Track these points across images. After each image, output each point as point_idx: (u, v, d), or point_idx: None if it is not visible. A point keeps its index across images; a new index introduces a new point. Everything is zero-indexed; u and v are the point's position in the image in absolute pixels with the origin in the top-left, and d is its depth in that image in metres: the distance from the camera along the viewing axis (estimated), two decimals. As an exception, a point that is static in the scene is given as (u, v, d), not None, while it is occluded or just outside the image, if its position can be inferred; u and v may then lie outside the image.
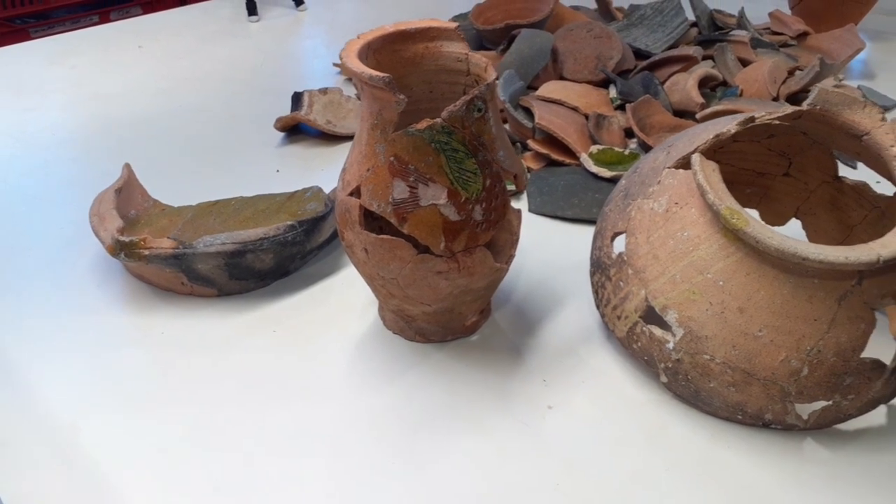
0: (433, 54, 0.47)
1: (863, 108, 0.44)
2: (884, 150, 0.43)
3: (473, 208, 0.43)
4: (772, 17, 1.00)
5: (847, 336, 0.39)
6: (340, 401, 0.46)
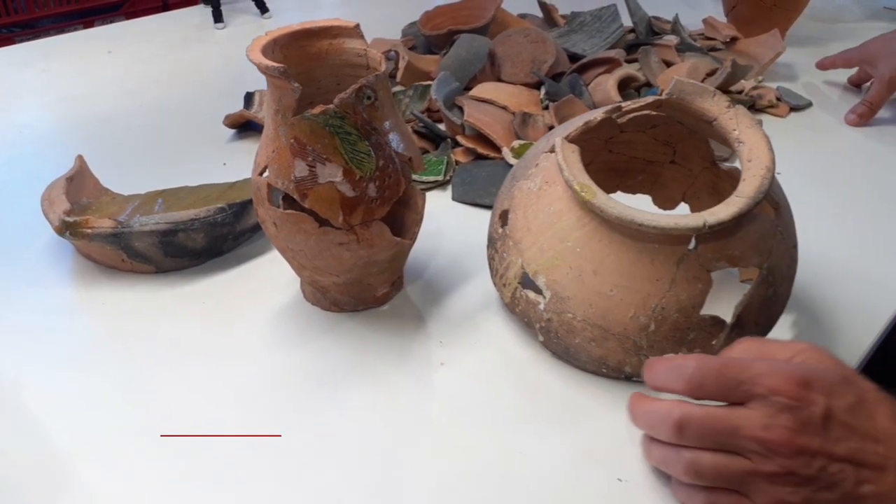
0: (337, 50, 0.53)
1: (712, 97, 0.50)
2: (728, 133, 0.49)
3: (368, 185, 0.49)
4: (705, 24, 1.06)
5: (686, 294, 0.45)
6: (258, 361, 0.52)
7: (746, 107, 0.86)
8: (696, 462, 0.38)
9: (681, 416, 0.38)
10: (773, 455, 0.36)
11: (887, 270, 0.62)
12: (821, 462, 0.36)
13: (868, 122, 0.86)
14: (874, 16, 1.18)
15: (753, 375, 0.37)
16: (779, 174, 0.75)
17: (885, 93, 0.85)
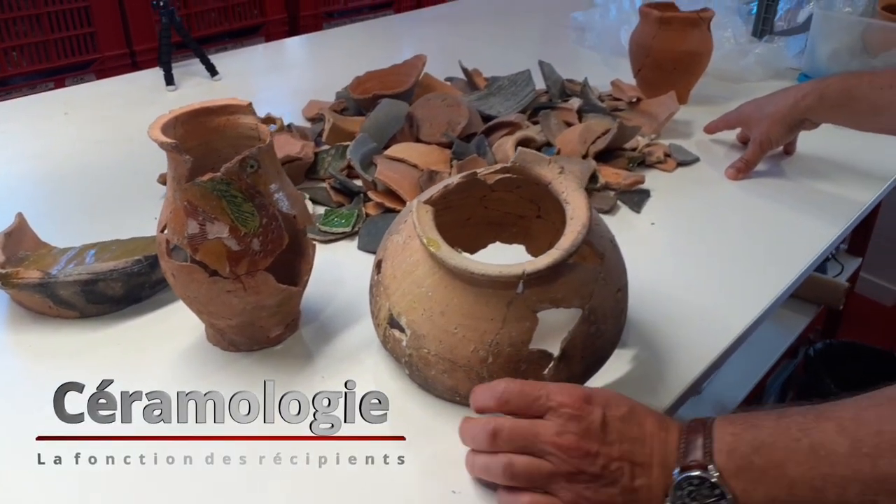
0: (233, 124, 0.61)
1: (547, 164, 0.59)
2: (559, 194, 0.57)
3: (252, 241, 0.56)
4: (613, 86, 1.16)
5: (517, 331, 0.53)
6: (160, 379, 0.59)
7: (638, 162, 0.96)
8: (510, 464, 0.46)
9: (494, 427, 0.47)
10: (566, 457, 0.44)
11: (728, 310, 0.70)
12: (602, 461, 0.44)
13: (745, 177, 0.95)
14: (777, 75, 1.29)
15: (547, 392, 0.46)
16: (653, 224, 0.85)
17: (758, 153, 0.94)
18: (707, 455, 0.43)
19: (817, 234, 0.84)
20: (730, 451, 0.44)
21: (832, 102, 0.88)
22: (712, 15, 1.11)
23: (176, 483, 0.52)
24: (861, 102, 0.87)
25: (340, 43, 1.64)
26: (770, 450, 0.43)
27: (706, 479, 0.43)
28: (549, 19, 1.75)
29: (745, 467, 0.43)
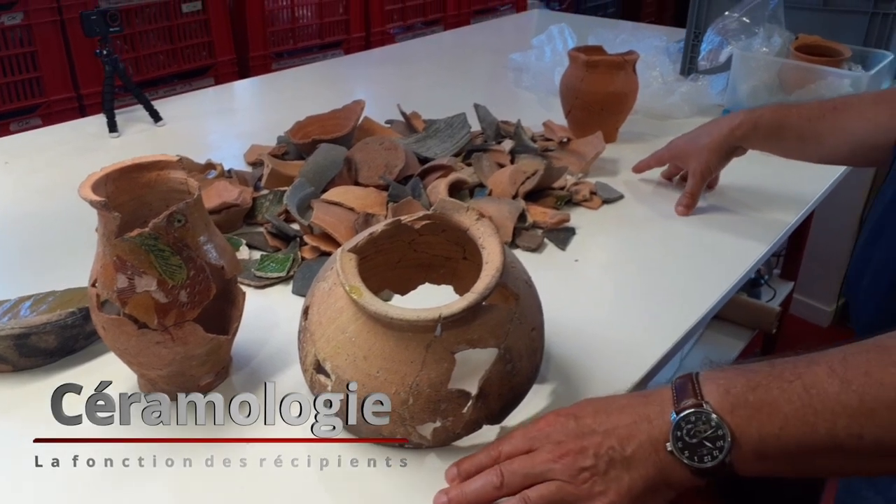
0: (164, 180, 0.63)
1: (465, 212, 0.62)
2: (476, 240, 0.61)
3: (179, 293, 0.58)
4: (545, 126, 1.22)
5: (436, 373, 0.56)
6: (93, 444, 0.60)
7: (565, 200, 1.00)
8: (525, 497, 0.50)
9: (499, 471, 0.53)
10: (564, 465, 0.50)
11: (644, 341, 0.74)
12: (593, 450, 0.50)
13: (693, 210, 1.00)
14: (702, 111, 1.36)
15: (533, 428, 0.52)
16: (576, 261, 0.89)
17: (700, 183, 0.99)
18: (700, 396, 0.48)
19: (737, 260, 0.88)
20: (724, 392, 0.48)
21: (765, 132, 0.93)
22: (637, 58, 1.17)
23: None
24: (790, 132, 0.92)
25: (288, 85, 1.68)
26: (764, 390, 0.47)
27: (703, 412, 0.47)
28: (491, 60, 1.81)
29: (740, 404, 0.47)
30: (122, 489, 0.56)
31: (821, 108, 0.90)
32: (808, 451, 0.45)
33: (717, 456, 0.46)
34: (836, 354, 0.47)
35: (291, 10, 2.51)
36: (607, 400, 0.53)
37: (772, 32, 1.31)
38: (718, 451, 0.46)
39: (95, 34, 1.20)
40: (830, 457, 0.45)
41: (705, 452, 0.47)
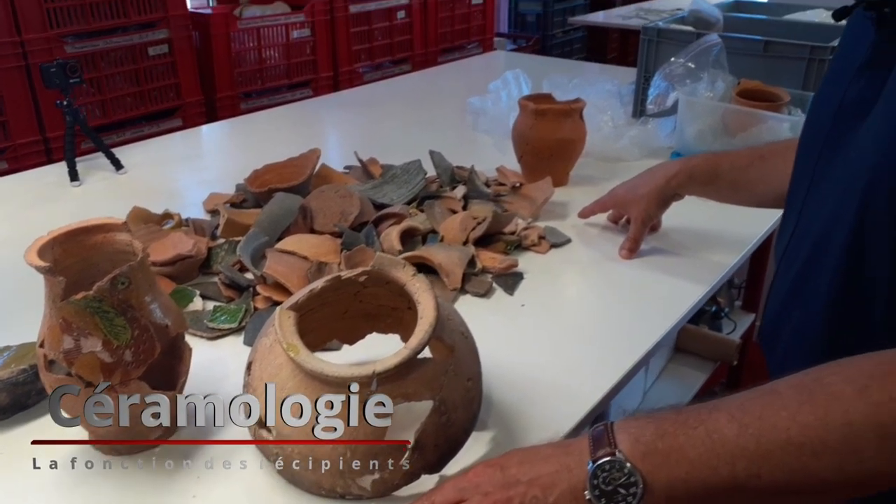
0: (110, 241, 0.66)
1: (402, 268, 0.65)
2: (412, 295, 0.63)
3: (124, 352, 0.60)
4: (498, 172, 1.25)
5: (373, 426, 0.58)
6: (36, 496, 0.61)
7: (515, 245, 1.04)
8: None
9: None
10: (491, 503, 0.52)
11: (584, 384, 0.77)
12: (518, 500, 0.51)
13: (635, 254, 1.03)
14: (651, 154, 1.41)
15: (463, 479, 0.55)
16: (523, 305, 0.92)
17: (642, 229, 1.03)
18: (613, 445, 0.51)
19: (677, 302, 0.92)
20: (635, 440, 0.51)
21: (700, 181, 0.98)
22: (583, 106, 1.22)
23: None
24: (724, 180, 0.97)
25: (254, 129, 1.71)
26: (671, 437, 0.50)
27: (616, 461, 0.50)
28: (454, 102, 1.85)
29: (650, 452, 0.50)
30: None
31: (750, 156, 0.95)
32: (713, 493, 0.48)
33: (632, 502, 0.49)
34: (735, 400, 0.51)
35: (259, 51, 2.55)
36: (533, 450, 0.55)
37: (716, 77, 1.37)
38: (632, 497, 0.49)
39: (55, 86, 1.22)
40: (734, 498, 0.48)
41: (620, 499, 0.49)
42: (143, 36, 2.19)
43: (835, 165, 0.64)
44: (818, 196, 0.67)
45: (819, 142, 0.66)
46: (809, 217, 0.68)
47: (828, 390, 0.48)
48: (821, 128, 0.66)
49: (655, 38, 1.51)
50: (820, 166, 0.66)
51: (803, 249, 0.68)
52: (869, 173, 0.58)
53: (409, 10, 3.04)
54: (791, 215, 0.73)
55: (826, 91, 0.69)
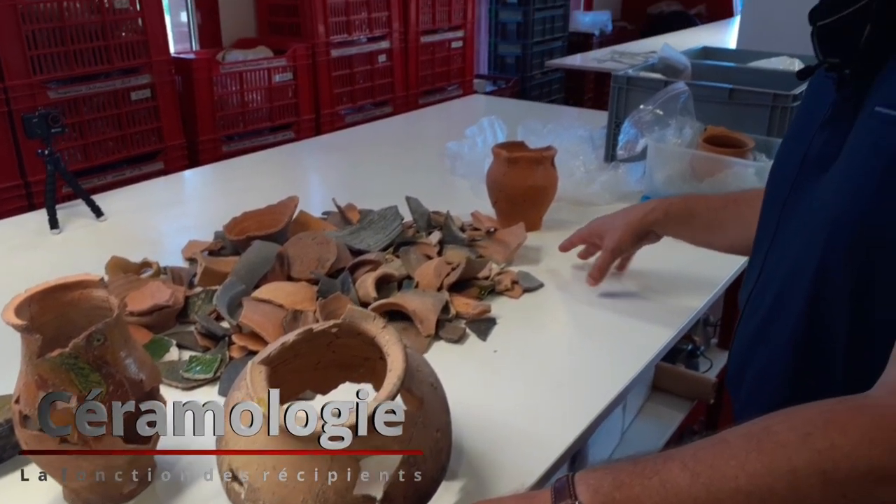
0: (87, 298, 0.67)
1: (373, 320, 0.67)
2: (382, 347, 0.65)
3: (99, 407, 0.62)
4: (473, 217, 1.28)
5: (342, 480, 0.59)
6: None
7: (488, 290, 1.06)
8: None
9: None
10: None
11: (553, 430, 0.78)
12: None
13: (599, 282, 1.06)
14: (622, 198, 1.44)
15: None
16: (495, 351, 0.94)
17: (609, 259, 1.05)
18: (574, 497, 0.52)
19: (646, 347, 0.94)
20: (594, 492, 0.52)
21: (676, 220, 1.01)
22: (554, 153, 1.25)
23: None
24: (699, 220, 0.99)
25: (235, 174, 1.73)
26: (628, 488, 0.52)
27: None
28: (432, 146, 1.88)
29: (608, 502, 0.52)
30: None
31: (725, 199, 0.98)
32: None
33: None
34: (689, 449, 0.53)
35: (241, 94, 2.59)
36: (497, 501, 0.56)
37: (683, 124, 1.41)
38: None
39: (37, 136, 1.24)
40: None
41: None
42: (126, 81, 2.23)
43: (798, 215, 0.67)
44: (782, 244, 0.70)
45: (784, 191, 0.70)
46: (773, 264, 0.71)
47: (774, 439, 0.50)
48: (786, 178, 0.70)
49: (625, 86, 1.56)
50: (785, 215, 0.69)
51: (767, 295, 0.71)
52: (830, 226, 0.61)
53: (390, 54, 3.11)
54: (756, 261, 0.76)
55: (791, 143, 0.73)
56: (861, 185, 0.59)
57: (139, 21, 2.22)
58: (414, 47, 3.21)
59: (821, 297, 0.63)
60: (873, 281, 0.58)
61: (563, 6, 4.12)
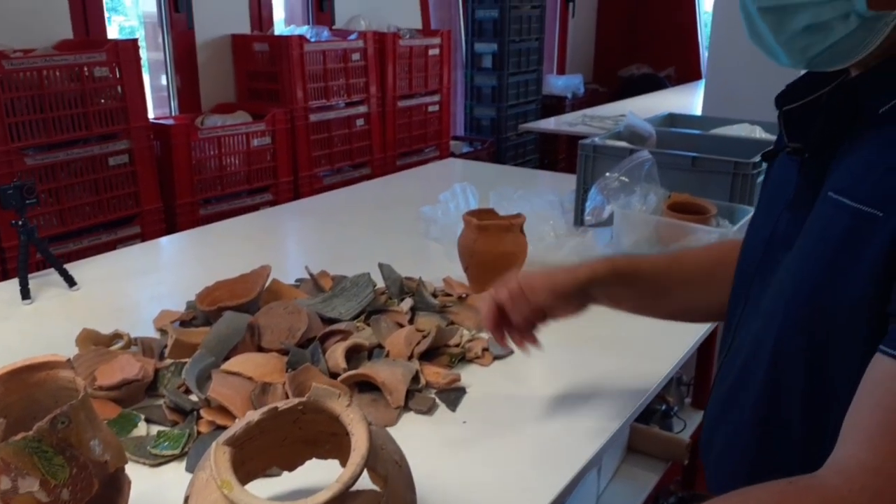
0: (53, 378, 0.68)
1: (337, 398, 0.68)
2: (347, 425, 0.66)
3: (62, 491, 0.62)
4: (445, 282, 1.30)
5: (305, 561, 0.59)
6: None
7: (459, 358, 1.07)
8: None
9: None
10: None
11: (521, 502, 0.79)
12: None
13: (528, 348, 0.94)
14: (592, 262, 1.48)
15: None
16: (464, 422, 0.94)
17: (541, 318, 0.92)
18: None
19: (612, 415, 0.96)
20: None
21: (622, 274, 0.90)
22: (523, 221, 1.29)
23: None
24: (644, 282, 0.91)
25: (211, 241, 1.74)
26: None
27: None
28: (407, 210, 1.91)
29: None
30: None
31: (668, 259, 0.94)
32: None
33: None
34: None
35: (219, 158, 2.62)
36: None
37: (648, 191, 1.46)
38: None
39: (11, 207, 1.25)
40: None
41: None
42: (104, 147, 2.26)
43: (764, 292, 0.70)
44: (750, 317, 0.73)
45: (753, 267, 0.73)
46: (741, 338, 0.74)
47: None
48: (754, 254, 0.73)
49: (592, 154, 1.61)
50: (754, 291, 0.72)
51: (735, 367, 0.73)
52: (785, 306, 0.64)
53: (368, 118, 3.18)
54: (728, 332, 0.78)
55: (759, 220, 0.76)
56: (812, 269, 0.62)
57: (118, 88, 2.26)
58: (391, 111, 3.28)
59: (779, 371, 0.65)
60: (826, 361, 0.60)
61: (536, 71, 4.25)
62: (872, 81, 0.61)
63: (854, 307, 0.57)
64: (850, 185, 0.60)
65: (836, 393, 0.60)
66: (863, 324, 0.57)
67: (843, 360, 0.59)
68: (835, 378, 0.60)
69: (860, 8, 0.57)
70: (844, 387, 0.58)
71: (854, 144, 0.62)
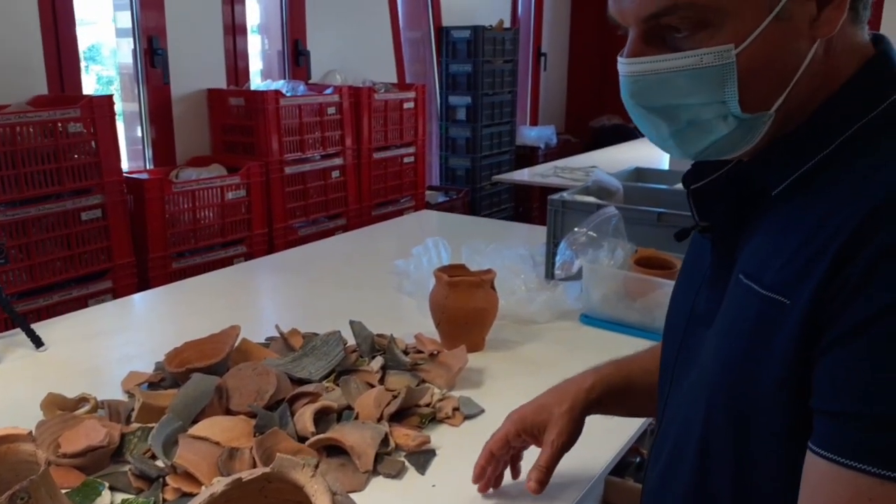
0: (13, 451, 0.67)
1: (301, 469, 0.68)
2: (311, 496, 0.66)
3: (17, 570, 0.60)
4: (416, 339, 1.31)
5: None
6: None
7: (430, 418, 1.07)
8: None
9: None
10: None
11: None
12: None
13: (545, 488, 0.86)
14: (562, 316, 1.49)
15: None
16: (434, 486, 0.94)
17: (557, 457, 0.86)
18: None
19: (594, 458, 0.98)
20: None
21: (617, 389, 0.88)
22: (493, 276, 1.30)
23: None
24: (637, 387, 0.88)
25: (183, 298, 1.73)
26: None
27: None
28: (381, 263, 1.92)
29: None
30: None
31: (653, 356, 0.86)
32: None
33: None
34: None
35: (193, 212, 2.62)
36: None
37: (615, 246, 1.49)
38: None
39: (-21, 269, 1.24)
40: None
41: None
42: (77, 202, 2.25)
43: (689, 370, 0.69)
44: (677, 397, 0.72)
45: (676, 344, 0.73)
46: (670, 416, 0.72)
47: None
48: (677, 332, 0.73)
49: (561, 209, 1.65)
50: (678, 369, 0.72)
51: (667, 446, 0.72)
52: (708, 389, 0.64)
53: (343, 170, 3.21)
54: (659, 409, 0.77)
55: (680, 297, 0.76)
56: (729, 353, 0.61)
57: (93, 143, 2.26)
58: (367, 163, 3.32)
59: (708, 453, 0.64)
60: (749, 442, 0.60)
61: (509, 122, 4.34)
62: (762, 163, 0.62)
63: (772, 392, 0.57)
64: (757, 271, 0.60)
65: (764, 476, 0.59)
66: (781, 407, 0.56)
67: (766, 442, 0.59)
68: (760, 461, 0.60)
69: (735, 112, 0.59)
70: (771, 468, 0.59)
71: (758, 225, 0.63)
